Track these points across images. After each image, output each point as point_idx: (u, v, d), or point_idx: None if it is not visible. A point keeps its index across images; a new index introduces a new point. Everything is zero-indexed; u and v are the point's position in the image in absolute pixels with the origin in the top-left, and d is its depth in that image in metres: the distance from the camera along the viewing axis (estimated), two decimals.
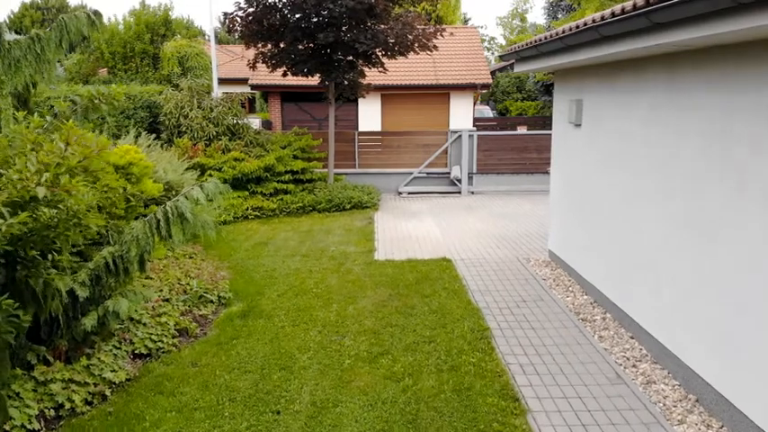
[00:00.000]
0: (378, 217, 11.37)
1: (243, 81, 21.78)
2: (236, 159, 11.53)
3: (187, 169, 9.93)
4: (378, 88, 20.00)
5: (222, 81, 28.15)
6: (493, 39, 55.12)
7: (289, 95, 21.72)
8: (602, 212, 6.30)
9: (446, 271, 7.48)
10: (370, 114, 21.36)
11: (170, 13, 21.70)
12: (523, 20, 48.67)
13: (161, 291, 6.32)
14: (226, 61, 29.53)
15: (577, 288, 6.91)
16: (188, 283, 6.55)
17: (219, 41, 41.40)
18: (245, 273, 7.55)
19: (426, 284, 6.95)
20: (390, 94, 21.03)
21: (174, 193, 7.99)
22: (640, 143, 5.35)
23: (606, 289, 6.22)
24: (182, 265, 7.20)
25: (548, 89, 25.80)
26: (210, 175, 11.20)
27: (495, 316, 6.02)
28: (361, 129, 21.29)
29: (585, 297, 6.62)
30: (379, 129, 21.21)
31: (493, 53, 46.99)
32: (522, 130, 22.79)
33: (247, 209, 11.11)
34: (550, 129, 23.25)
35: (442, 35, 12.75)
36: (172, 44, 20.24)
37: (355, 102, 20.70)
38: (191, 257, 7.71)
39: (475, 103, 22.83)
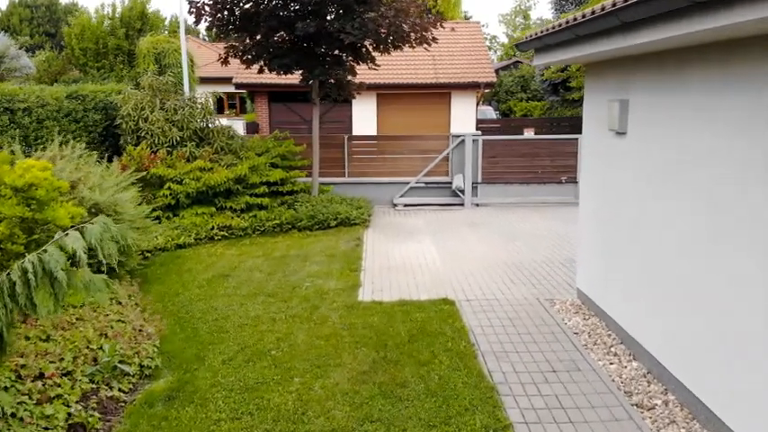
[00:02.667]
0: (367, 237, 9.69)
1: (230, 80, 20.13)
2: (201, 169, 9.85)
3: (133, 183, 8.27)
4: (372, 87, 18.37)
5: (209, 80, 26.46)
6: (494, 37, 53.51)
7: (277, 95, 20.11)
8: (661, 251, 4.62)
9: (449, 320, 5.80)
10: (364, 115, 19.72)
11: (147, 6, 20.01)
12: (527, 17, 47.04)
13: (62, 359, 4.65)
14: (215, 59, 27.88)
15: (621, 349, 5.23)
16: (101, 347, 4.87)
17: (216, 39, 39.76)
18: (187, 323, 5.86)
19: (423, 342, 5.27)
20: (386, 93, 19.40)
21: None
22: (730, 160, 3.67)
23: (667, 358, 4.55)
24: (102, 316, 5.52)
25: (555, 88, 24.13)
26: (169, 189, 9.52)
27: (517, 399, 4.34)
28: (355, 131, 19.64)
29: (635, 364, 4.94)
30: (374, 131, 19.58)
31: (495, 51, 45.38)
32: (529, 134, 21.14)
33: (213, 228, 9.42)
34: (561, 132, 21.44)
35: (442, 26, 11.11)
36: (148, 39, 18.55)
37: (348, 102, 19.07)
38: (120, 303, 6.03)
39: (478, 104, 21.18)
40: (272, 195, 10.63)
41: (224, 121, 24.77)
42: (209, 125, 11.15)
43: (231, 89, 25.32)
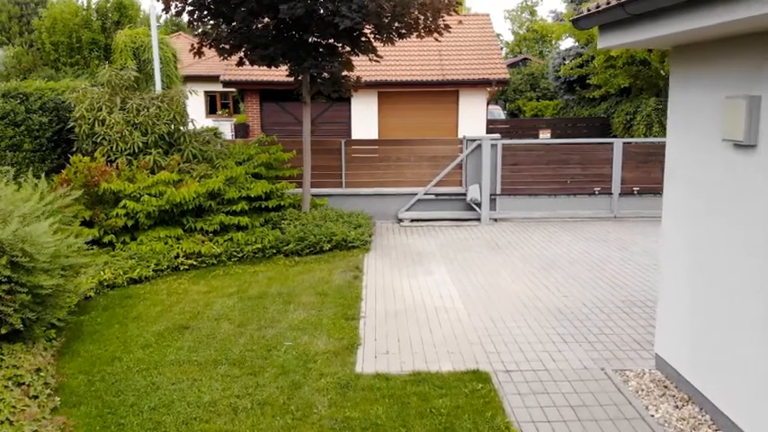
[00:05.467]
0: (368, 264, 7.95)
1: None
2: (166, 182, 8.09)
3: (87, 201, 6.55)
4: (373, 85, 16.72)
5: (200, 78, 24.76)
6: (498, 35, 51.81)
7: (269, 93, 18.37)
8: None
9: (486, 413, 4.04)
10: (364, 116, 18.02)
11: None
12: (533, 13, 45.32)
13: None
14: (208, 56, 26.15)
15: None
16: None
17: None
18: (113, 416, 4.09)
19: None
20: (388, 92, 17.69)
21: (5, 261, 4.57)
22: None
23: None
24: None
25: (571, 86, 22.35)
26: (125, 207, 7.76)
27: None
28: (354, 133, 17.91)
29: None
30: (375, 132, 17.86)
31: (501, 49, 43.75)
32: (544, 136, 19.42)
33: (178, 256, 7.66)
34: (577, 133, 19.57)
35: (455, 11, 9.40)
36: (126, 33, 16.83)
37: (347, 101, 17.35)
38: (20, 384, 4.26)
39: (488, 103, 19.46)
40: (253, 212, 8.88)
41: (209, 123, 23.01)
42: (181, 128, 9.41)
43: (218, 88, 23.59)
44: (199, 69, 25.00)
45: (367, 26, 8.87)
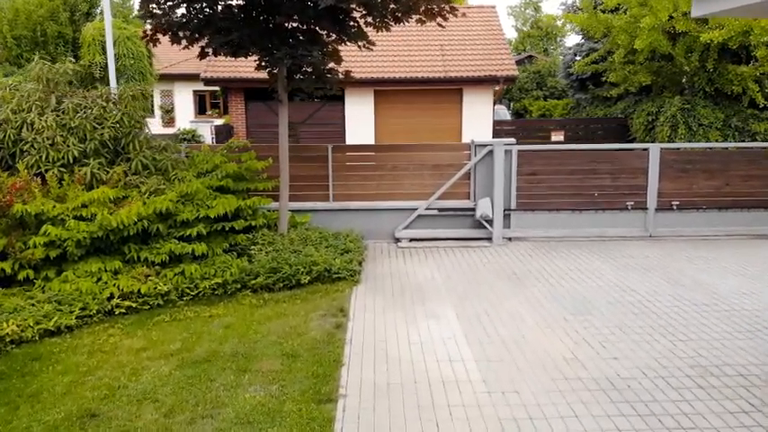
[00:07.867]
0: (356, 304, 6.33)
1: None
2: (103, 201, 6.47)
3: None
4: (368, 82, 15.13)
5: (189, 77, 23.13)
6: None
7: (254, 92, 16.71)
8: None
9: None
10: (359, 117, 16.40)
11: None
12: (537, 9, 43.72)
13: None
14: (196, 54, 24.55)
15: None
16: None
17: None
18: None
19: None
20: (386, 90, 16.09)
21: None
22: None
23: None
24: None
25: (583, 84, 20.74)
26: (47, 235, 6.12)
27: None
28: (348, 135, 16.28)
29: None
30: (371, 134, 16.24)
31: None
32: (557, 138, 17.81)
33: (112, 296, 6.02)
34: (590, 135, 17.74)
35: None
36: (94, 25, 15.28)
37: (341, 100, 15.75)
38: None
39: (495, 102, 17.86)
40: (217, 236, 7.24)
41: (187, 125, 21.34)
42: (135, 131, 7.78)
43: (215, 87, 21.88)
44: (187, 67, 23.39)
45: (356, 9, 7.30)
